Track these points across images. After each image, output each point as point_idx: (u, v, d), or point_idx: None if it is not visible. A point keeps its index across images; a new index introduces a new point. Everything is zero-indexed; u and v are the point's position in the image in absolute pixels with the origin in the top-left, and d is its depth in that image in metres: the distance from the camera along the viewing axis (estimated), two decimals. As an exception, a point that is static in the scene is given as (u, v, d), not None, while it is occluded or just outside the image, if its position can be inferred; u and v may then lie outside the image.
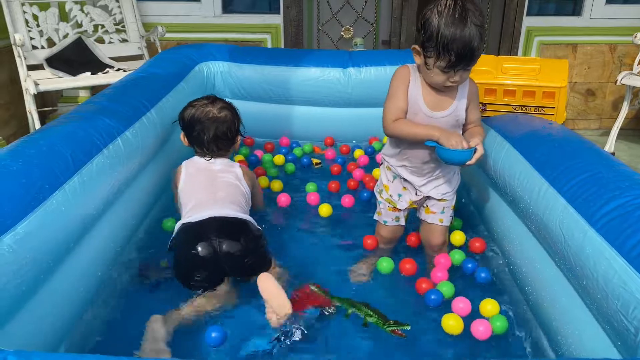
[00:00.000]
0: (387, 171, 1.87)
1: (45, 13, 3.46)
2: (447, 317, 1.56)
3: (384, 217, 1.92)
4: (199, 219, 1.70)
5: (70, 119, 1.77)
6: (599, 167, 1.47)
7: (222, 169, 1.90)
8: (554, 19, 4.07)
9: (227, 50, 2.97)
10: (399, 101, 1.70)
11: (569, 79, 4.09)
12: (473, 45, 1.49)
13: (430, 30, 1.53)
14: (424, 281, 1.74)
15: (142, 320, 1.59)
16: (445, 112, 1.70)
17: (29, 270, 1.23)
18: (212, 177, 1.86)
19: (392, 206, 1.87)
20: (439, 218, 1.85)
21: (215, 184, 1.83)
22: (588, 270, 1.26)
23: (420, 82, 1.70)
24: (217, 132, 1.90)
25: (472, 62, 1.54)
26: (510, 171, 1.78)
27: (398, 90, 1.70)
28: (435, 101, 1.69)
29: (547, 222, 1.50)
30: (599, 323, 1.27)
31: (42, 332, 1.34)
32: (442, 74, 1.57)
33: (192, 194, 1.81)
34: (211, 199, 1.77)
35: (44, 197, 1.35)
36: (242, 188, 1.87)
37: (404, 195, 1.84)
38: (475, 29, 1.49)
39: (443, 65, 1.54)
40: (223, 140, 1.92)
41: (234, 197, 1.81)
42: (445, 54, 1.51)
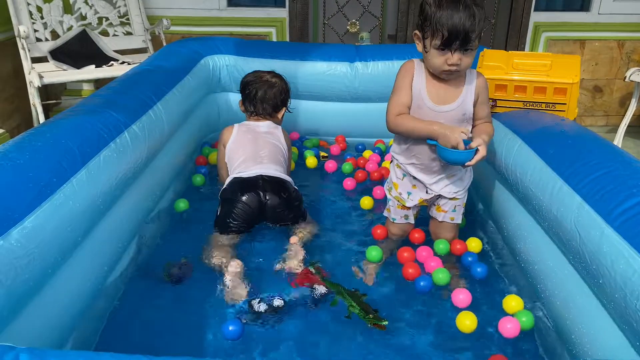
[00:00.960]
0: (397, 169, 1.84)
1: (50, 5, 3.42)
2: (463, 315, 1.53)
3: (393, 215, 1.90)
4: (249, 176, 1.98)
5: (77, 112, 1.75)
6: (615, 164, 1.45)
7: (266, 130, 2.21)
8: (562, 14, 4.03)
9: (233, 43, 2.95)
10: (402, 96, 1.69)
11: (576, 75, 4.06)
12: (465, 23, 1.49)
13: (426, 11, 1.55)
14: (410, 267, 1.73)
15: (148, 314, 1.59)
16: (450, 105, 1.68)
17: (37, 265, 1.21)
18: (257, 137, 2.17)
19: (401, 204, 1.85)
20: (450, 216, 1.84)
21: (260, 143, 2.13)
22: (605, 269, 1.24)
23: (424, 76, 1.68)
24: (267, 94, 2.24)
25: (468, 40, 1.53)
26: (522, 168, 1.75)
27: (401, 85, 1.70)
28: (441, 94, 1.67)
29: (561, 220, 1.48)
30: (617, 323, 1.25)
31: (50, 328, 1.32)
32: (439, 55, 1.57)
33: (241, 149, 2.11)
34: (257, 155, 2.07)
35: (52, 190, 1.33)
36: (282, 148, 2.17)
37: (414, 194, 1.82)
38: (471, 6, 1.50)
39: (438, 43, 1.54)
40: (270, 102, 2.25)
41: (275, 157, 2.10)
42: (439, 31, 1.51)
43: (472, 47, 1.56)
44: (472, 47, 1.56)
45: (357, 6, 4.01)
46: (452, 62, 1.56)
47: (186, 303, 1.66)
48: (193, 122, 2.63)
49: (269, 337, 1.52)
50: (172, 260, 1.83)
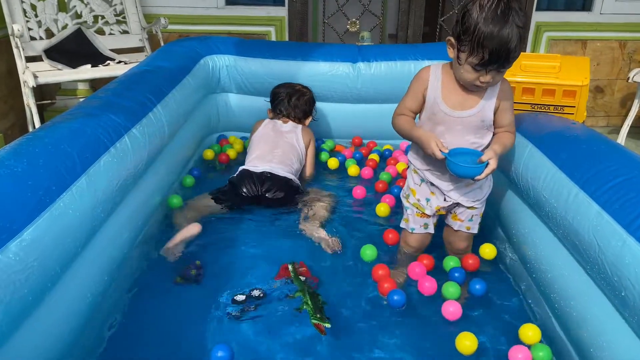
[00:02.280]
0: (414, 174, 1.78)
1: (44, 3, 3.34)
2: (462, 336, 1.47)
3: (412, 224, 1.81)
4: (256, 170, 2.19)
5: (76, 115, 1.69)
6: (634, 171, 1.40)
7: (289, 130, 2.45)
8: (564, 14, 3.99)
9: (233, 43, 2.88)
10: (408, 101, 1.69)
11: (578, 75, 4.03)
12: (510, 46, 1.41)
13: (468, 23, 1.44)
14: (386, 281, 1.67)
15: (151, 325, 1.54)
16: (469, 111, 1.62)
17: (36, 279, 1.15)
18: (278, 135, 2.41)
19: (420, 212, 1.78)
20: (466, 226, 1.78)
21: (278, 142, 2.36)
22: (628, 281, 1.20)
23: (441, 82, 1.63)
24: (298, 100, 2.54)
25: (506, 64, 1.46)
26: (534, 173, 1.71)
27: (411, 91, 1.69)
28: (459, 100, 1.62)
29: (577, 228, 1.44)
30: (639, 336, 1.21)
31: (50, 342, 1.27)
32: (473, 72, 1.49)
33: (260, 144, 2.36)
34: (270, 153, 2.29)
35: (51, 199, 1.27)
36: (299, 149, 2.39)
37: (432, 200, 1.76)
38: (516, 29, 1.40)
39: (475, 62, 1.46)
40: (302, 108, 2.53)
41: (287, 156, 2.32)
42: (479, 51, 1.43)
43: (509, 67, 1.51)
44: (509, 67, 1.51)
45: (357, 5, 3.96)
46: (485, 80, 1.50)
47: (190, 310, 1.61)
48: (192, 123, 2.58)
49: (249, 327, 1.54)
50: (185, 263, 1.80)
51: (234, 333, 1.52)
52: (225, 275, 1.76)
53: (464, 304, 1.64)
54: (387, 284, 1.67)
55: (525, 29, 1.49)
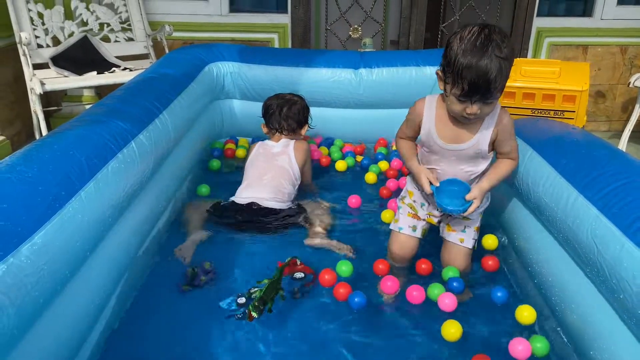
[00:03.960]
0: (414, 179, 1.81)
1: (51, 11, 3.40)
2: (448, 324, 1.51)
3: (401, 224, 1.82)
4: (243, 202, 2.09)
5: (83, 121, 1.72)
6: (634, 175, 1.43)
7: (280, 151, 2.28)
8: (565, 19, 4.02)
9: (237, 50, 2.92)
10: (407, 129, 1.77)
11: (579, 80, 4.05)
12: (489, 77, 1.40)
13: (449, 55, 1.47)
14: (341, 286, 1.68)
15: (157, 328, 1.57)
16: (463, 145, 1.63)
17: (46, 282, 1.18)
18: (268, 159, 2.26)
19: (413, 212, 1.81)
20: (459, 237, 1.78)
21: (268, 167, 2.22)
22: (626, 284, 1.22)
23: (435, 114, 1.65)
24: (289, 111, 2.35)
25: (489, 95, 1.46)
26: (534, 178, 1.73)
27: (409, 121, 1.76)
28: (454, 134, 1.63)
29: (577, 232, 1.46)
30: (638, 338, 1.23)
31: (59, 345, 1.29)
32: (458, 103, 1.51)
33: (248, 173, 2.24)
34: (258, 181, 2.17)
35: (61, 204, 1.30)
36: (291, 171, 2.23)
37: (426, 206, 1.79)
38: (496, 60, 1.40)
39: (457, 93, 1.48)
40: (295, 118, 2.36)
41: (277, 181, 2.17)
42: (459, 82, 1.45)
43: (495, 99, 1.50)
44: (495, 99, 1.50)
45: (359, 12, 3.99)
46: (471, 112, 1.50)
47: (195, 313, 1.63)
48: (197, 129, 2.61)
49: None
50: (194, 265, 1.82)
51: (237, 335, 1.54)
52: (229, 278, 1.79)
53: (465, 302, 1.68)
54: (342, 289, 1.68)
55: (508, 60, 1.44)
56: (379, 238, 2.05)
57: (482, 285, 1.80)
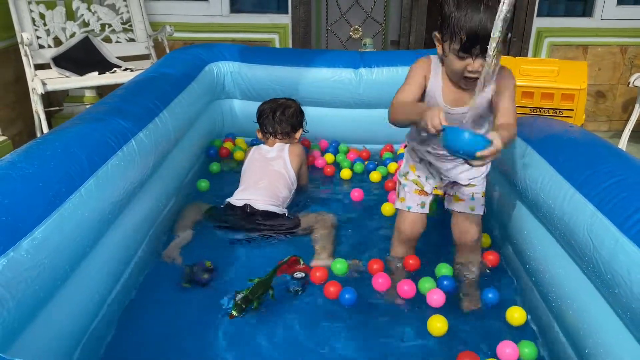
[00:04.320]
0: (413, 152, 1.78)
1: (52, 12, 3.42)
2: (434, 319, 1.53)
3: (408, 202, 1.77)
4: (237, 204, 2.08)
5: (84, 120, 1.74)
6: (629, 172, 1.44)
7: (275, 156, 2.28)
8: (565, 20, 4.03)
9: (237, 50, 2.94)
10: (408, 92, 1.60)
11: (579, 80, 4.06)
12: (487, 25, 1.36)
13: (445, 11, 1.46)
14: (331, 285, 1.69)
15: (156, 325, 1.58)
16: (465, 108, 1.60)
17: (46, 276, 1.20)
18: (263, 164, 2.25)
19: (419, 188, 1.75)
20: (469, 206, 1.75)
21: (263, 171, 2.21)
22: (621, 279, 1.23)
23: (441, 76, 1.61)
24: (282, 115, 2.35)
25: (488, 46, 1.38)
26: (532, 175, 1.74)
27: (411, 82, 1.61)
28: (457, 96, 1.60)
29: (573, 228, 1.47)
30: (632, 333, 1.24)
31: (58, 339, 1.30)
32: (458, 61, 1.48)
33: (246, 176, 2.24)
34: (254, 186, 2.16)
35: (61, 200, 1.32)
36: (287, 176, 2.22)
37: (430, 179, 1.74)
38: (492, 8, 1.35)
39: (457, 48, 1.45)
40: (289, 122, 2.35)
41: (273, 186, 2.16)
42: (457, 35, 1.43)
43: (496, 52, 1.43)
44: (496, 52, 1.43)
45: (360, 12, 4.01)
46: (473, 68, 1.46)
47: (195, 311, 1.65)
48: (197, 128, 2.63)
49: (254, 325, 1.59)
50: (193, 263, 1.82)
51: (237, 332, 1.55)
52: (230, 276, 1.80)
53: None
54: (332, 287, 1.69)
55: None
56: (379, 233, 2.07)
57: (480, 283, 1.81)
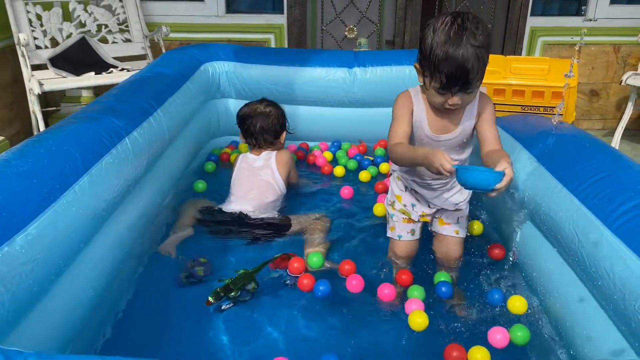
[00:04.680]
0: (398, 181, 1.80)
1: (49, 13, 3.44)
2: (414, 314, 1.54)
3: (398, 231, 1.80)
4: (232, 211, 2.11)
5: (79, 119, 1.76)
6: (614, 168, 1.46)
7: (262, 165, 2.27)
8: (558, 19, 4.06)
9: (232, 50, 2.96)
10: (402, 126, 1.61)
11: (573, 79, 4.09)
12: (466, 67, 1.38)
13: (424, 48, 1.45)
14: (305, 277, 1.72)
15: (150, 320, 1.60)
16: (451, 134, 1.62)
17: (40, 271, 1.22)
18: (252, 174, 2.24)
19: (406, 217, 1.78)
20: (454, 229, 1.79)
21: (252, 182, 2.22)
22: (604, 271, 1.26)
23: (424, 106, 1.61)
24: (263, 124, 2.30)
25: (468, 85, 1.43)
26: (521, 172, 1.77)
27: (401, 115, 1.62)
28: (442, 124, 1.61)
29: (559, 223, 1.50)
30: (615, 324, 1.26)
31: (53, 333, 1.32)
32: (438, 96, 1.49)
33: (236, 186, 2.24)
34: (245, 196, 2.18)
35: (55, 197, 1.34)
36: (275, 185, 2.24)
37: (417, 206, 1.76)
38: (472, 49, 1.37)
39: (437, 86, 1.46)
40: (271, 132, 2.32)
41: (263, 196, 2.19)
42: (437, 75, 1.43)
43: (475, 88, 1.48)
44: (475, 88, 1.48)
45: (355, 12, 4.04)
46: (453, 102, 1.47)
47: (192, 306, 1.67)
48: (193, 128, 2.65)
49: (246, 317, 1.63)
50: (190, 259, 1.84)
51: (228, 325, 1.58)
52: (225, 271, 1.82)
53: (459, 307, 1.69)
54: (306, 279, 1.71)
55: (485, 47, 1.40)
56: (370, 232, 2.10)
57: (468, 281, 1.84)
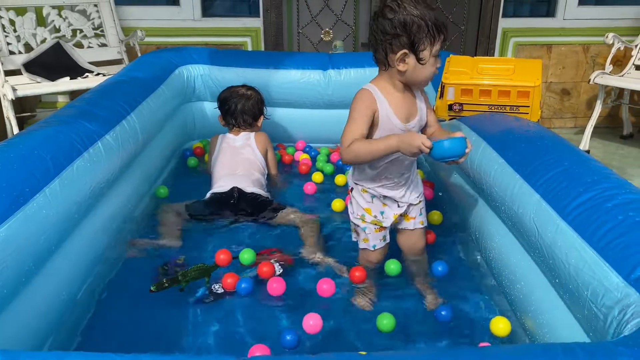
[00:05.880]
0: (364, 194, 1.77)
1: (22, 18, 3.42)
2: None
3: (372, 242, 1.80)
4: (225, 190, 2.21)
5: (50, 123, 1.77)
6: (571, 163, 1.52)
7: (242, 144, 2.43)
8: (529, 20, 4.16)
9: (207, 53, 2.99)
10: (360, 126, 1.59)
11: (544, 78, 4.19)
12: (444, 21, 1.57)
13: (411, 24, 1.51)
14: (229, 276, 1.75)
15: (126, 321, 1.61)
16: (415, 119, 1.68)
17: (10, 273, 1.23)
18: (234, 153, 2.40)
19: (378, 227, 1.78)
20: (419, 221, 1.83)
21: (236, 161, 2.36)
22: (560, 262, 1.31)
23: (386, 100, 1.62)
24: (245, 106, 2.49)
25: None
26: (486, 168, 1.82)
27: (362, 116, 1.60)
28: (406, 112, 1.66)
29: (521, 217, 1.55)
30: (572, 312, 1.32)
31: (25, 334, 1.34)
32: (434, 61, 1.58)
33: (220, 166, 2.35)
34: (232, 175, 2.29)
35: (25, 200, 1.35)
36: (257, 161, 2.40)
37: (386, 212, 1.77)
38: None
39: (439, 47, 1.56)
40: (250, 114, 2.50)
41: (250, 172, 2.33)
42: (440, 32, 1.54)
43: None
44: None
45: (331, 15, 4.08)
46: (439, 65, 1.60)
47: (166, 305, 1.69)
48: (169, 130, 2.67)
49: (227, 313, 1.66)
50: (165, 261, 1.86)
51: (212, 319, 1.62)
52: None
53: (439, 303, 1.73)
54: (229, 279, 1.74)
55: None
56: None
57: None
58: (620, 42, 3.70)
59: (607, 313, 1.10)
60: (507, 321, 1.54)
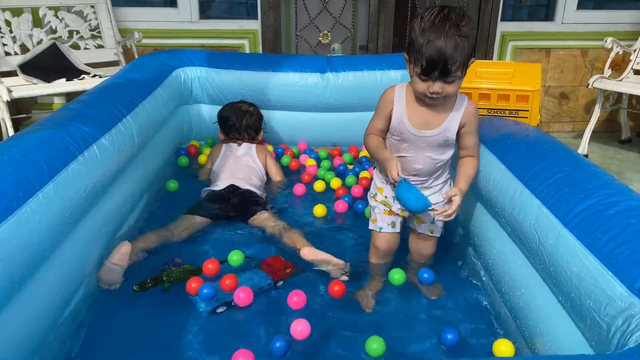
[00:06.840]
0: (380, 174, 1.82)
1: (19, 19, 3.40)
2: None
3: (380, 223, 1.83)
4: (221, 188, 2.31)
5: (45, 125, 1.74)
6: (572, 168, 1.51)
7: (244, 153, 2.56)
8: (528, 24, 4.15)
9: (205, 55, 2.97)
10: (378, 122, 1.75)
11: (542, 82, 4.18)
12: (446, 53, 1.45)
13: (411, 35, 1.54)
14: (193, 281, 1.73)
15: (121, 327, 1.59)
16: (433, 131, 1.66)
17: (3, 279, 1.21)
18: (236, 160, 2.51)
19: (387, 209, 1.81)
20: (429, 229, 1.83)
21: (237, 167, 2.46)
22: (562, 269, 1.29)
23: (405, 102, 1.67)
24: (248, 121, 2.64)
25: (447, 72, 1.49)
26: (485, 174, 1.80)
27: (379, 112, 1.75)
28: (424, 119, 1.66)
29: (521, 223, 1.53)
30: (574, 321, 1.30)
31: (16, 344, 1.31)
32: (421, 82, 1.55)
33: (221, 174, 2.43)
34: (232, 176, 2.39)
35: (18, 204, 1.33)
36: (257, 169, 2.52)
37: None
38: (453, 38, 1.45)
39: (418, 71, 1.52)
40: (253, 128, 2.65)
41: (248, 176, 2.43)
42: (419, 59, 1.50)
43: (456, 77, 1.53)
44: (456, 77, 1.53)
45: (329, 18, 4.07)
46: (433, 90, 1.54)
47: (160, 310, 1.67)
48: (166, 133, 2.65)
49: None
50: (165, 262, 1.84)
51: (209, 329, 1.59)
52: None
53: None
54: (194, 283, 1.72)
55: (467, 37, 1.48)
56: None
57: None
58: (619, 46, 3.70)
59: (611, 323, 1.09)
60: (510, 344, 1.49)
